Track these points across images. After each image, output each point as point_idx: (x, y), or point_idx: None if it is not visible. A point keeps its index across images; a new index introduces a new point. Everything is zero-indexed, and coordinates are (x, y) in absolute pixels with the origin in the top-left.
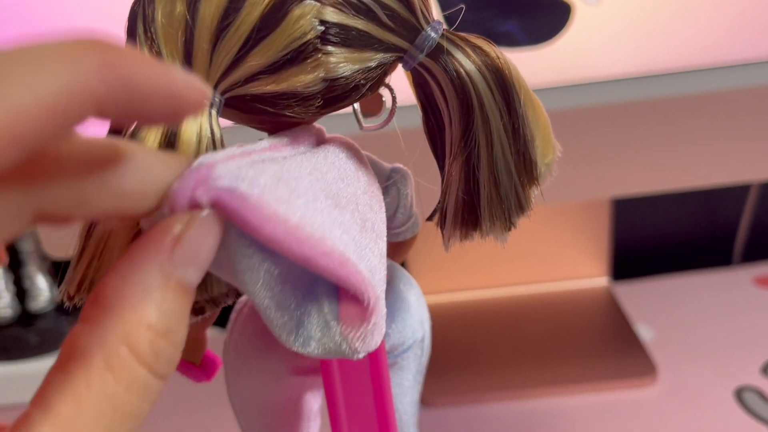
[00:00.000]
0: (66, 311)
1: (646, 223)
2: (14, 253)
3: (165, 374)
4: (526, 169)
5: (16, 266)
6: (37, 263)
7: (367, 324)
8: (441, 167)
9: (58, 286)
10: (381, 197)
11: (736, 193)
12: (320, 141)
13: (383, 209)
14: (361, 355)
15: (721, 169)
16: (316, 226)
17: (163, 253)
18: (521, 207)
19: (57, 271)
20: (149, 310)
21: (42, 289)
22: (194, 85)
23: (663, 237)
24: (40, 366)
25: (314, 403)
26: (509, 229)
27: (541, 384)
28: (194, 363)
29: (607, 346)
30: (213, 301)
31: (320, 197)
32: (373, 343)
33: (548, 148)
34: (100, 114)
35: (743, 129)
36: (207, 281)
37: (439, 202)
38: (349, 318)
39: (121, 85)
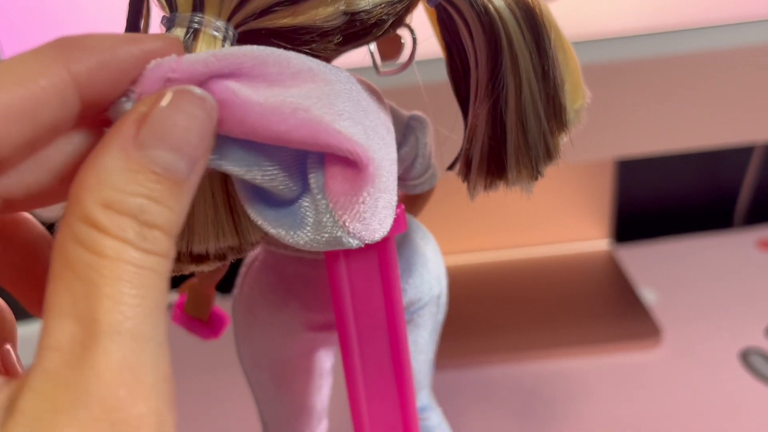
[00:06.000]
0: None
1: (648, 185)
2: None
3: (148, 249)
4: (556, 114)
5: None
6: None
7: (357, 196)
8: (464, 113)
9: None
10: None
11: (739, 156)
12: None
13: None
14: (356, 242)
15: (725, 129)
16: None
17: (125, 134)
18: (549, 155)
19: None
20: (105, 190)
21: None
22: (162, 39)
23: (666, 199)
24: (30, 330)
25: (327, 360)
26: (536, 179)
27: (546, 346)
28: (201, 319)
29: (611, 309)
30: (236, 249)
31: (315, 91)
32: (374, 224)
33: (578, 93)
34: (84, 97)
35: (748, 89)
36: (238, 227)
37: (462, 150)
38: (336, 191)
39: (91, 65)
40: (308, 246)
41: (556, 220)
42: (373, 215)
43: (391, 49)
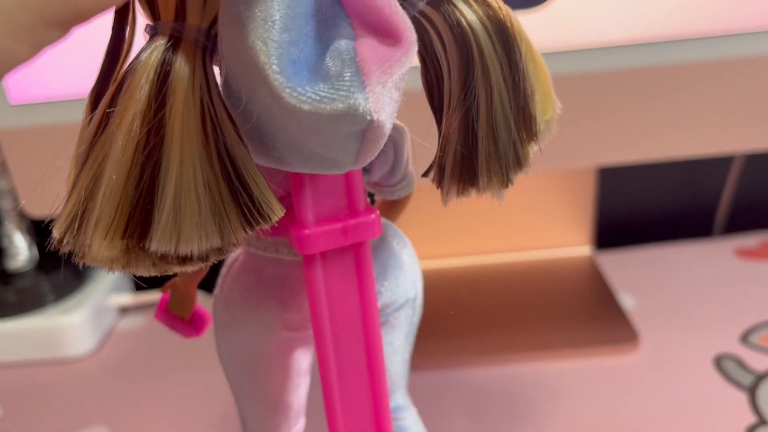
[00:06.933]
0: (45, 270)
1: (630, 193)
2: None
3: None
4: (526, 124)
5: None
6: (16, 222)
7: (387, 68)
8: (438, 122)
9: (37, 245)
10: None
11: (719, 165)
12: None
13: None
14: (367, 117)
15: (706, 139)
16: None
17: None
18: (519, 163)
19: (36, 229)
20: None
21: (20, 248)
22: None
23: (647, 207)
24: (19, 325)
25: (304, 360)
26: (506, 186)
27: (525, 349)
28: (183, 318)
29: (589, 313)
30: (219, 251)
31: None
32: (388, 110)
33: (548, 104)
34: None
35: (728, 100)
36: (221, 228)
37: (435, 157)
38: (368, 58)
39: None
40: (312, 110)
41: (539, 227)
42: (390, 102)
43: None
